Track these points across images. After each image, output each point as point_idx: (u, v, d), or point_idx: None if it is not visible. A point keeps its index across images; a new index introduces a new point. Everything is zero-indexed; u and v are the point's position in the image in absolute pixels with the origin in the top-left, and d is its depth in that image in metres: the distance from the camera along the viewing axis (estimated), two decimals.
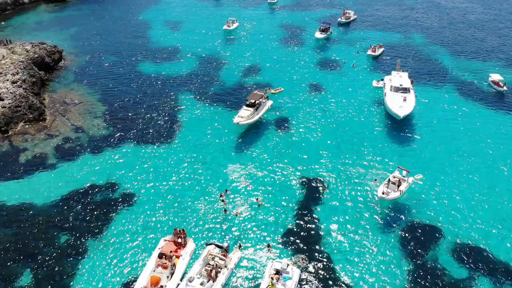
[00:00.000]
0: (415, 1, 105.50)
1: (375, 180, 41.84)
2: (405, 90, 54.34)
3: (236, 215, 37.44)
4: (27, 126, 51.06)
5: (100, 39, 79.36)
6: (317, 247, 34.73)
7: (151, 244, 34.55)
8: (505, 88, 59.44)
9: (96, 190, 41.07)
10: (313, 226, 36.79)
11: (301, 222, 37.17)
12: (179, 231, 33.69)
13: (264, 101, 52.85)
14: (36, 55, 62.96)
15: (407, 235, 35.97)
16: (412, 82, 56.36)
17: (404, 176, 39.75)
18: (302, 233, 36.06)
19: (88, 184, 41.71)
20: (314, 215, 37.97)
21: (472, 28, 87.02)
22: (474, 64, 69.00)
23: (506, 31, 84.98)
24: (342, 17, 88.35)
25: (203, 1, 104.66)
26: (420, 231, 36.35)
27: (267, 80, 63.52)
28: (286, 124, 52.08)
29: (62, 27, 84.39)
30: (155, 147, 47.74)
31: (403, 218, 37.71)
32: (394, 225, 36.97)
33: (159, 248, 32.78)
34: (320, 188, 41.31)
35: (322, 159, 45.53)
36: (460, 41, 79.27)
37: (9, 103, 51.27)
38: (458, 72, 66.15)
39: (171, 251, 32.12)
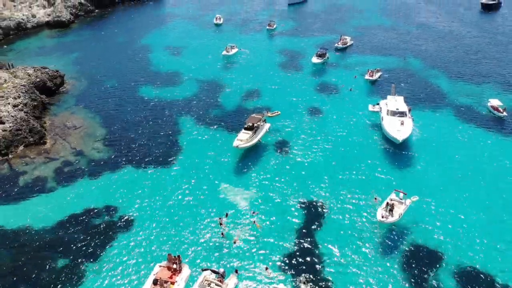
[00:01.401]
0: (411, 26, 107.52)
1: (375, 198, 42.00)
2: (402, 114, 54.92)
3: (235, 243, 37.17)
4: (27, 149, 51.36)
5: (101, 63, 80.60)
6: (316, 270, 34.47)
7: (146, 269, 34.28)
8: (505, 113, 59.40)
9: (94, 213, 41.05)
10: (312, 248, 36.63)
11: (300, 245, 37.02)
12: (174, 257, 33.32)
13: (262, 124, 53.43)
14: (38, 79, 63.84)
15: (408, 258, 35.81)
16: (409, 110, 56.67)
17: (401, 199, 39.88)
18: (301, 256, 35.85)
19: (86, 208, 41.70)
20: (313, 238, 37.86)
21: (468, 52, 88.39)
22: (471, 88, 69.72)
23: (502, 55, 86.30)
24: (339, 43, 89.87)
25: (203, 27, 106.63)
26: (421, 254, 36.20)
27: (266, 103, 64.25)
28: (285, 147, 52.42)
29: (65, 52, 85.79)
30: (154, 170, 47.91)
31: (404, 241, 37.59)
32: (395, 248, 36.83)
33: (154, 274, 32.46)
34: (320, 210, 41.30)
35: (321, 180, 45.68)
36: (457, 65, 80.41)
37: (10, 127, 51.72)
38: (456, 95, 66.82)
39: (166, 277, 31.85)
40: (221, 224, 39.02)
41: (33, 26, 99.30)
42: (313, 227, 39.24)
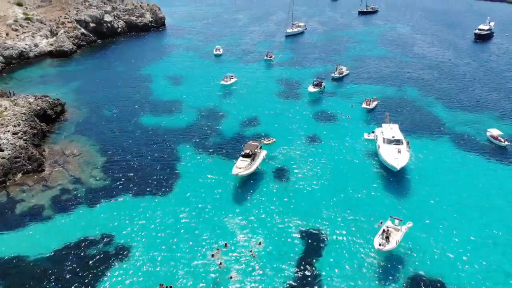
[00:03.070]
0: (407, 56, 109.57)
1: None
2: (398, 142, 55.37)
3: (231, 278, 36.54)
4: (25, 177, 51.43)
5: (102, 92, 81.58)
6: None
7: None
8: (507, 143, 59.25)
9: (91, 242, 40.80)
10: (312, 277, 36.31)
11: (299, 273, 36.73)
12: (166, 287, 32.95)
13: (259, 151, 53.87)
14: (38, 108, 64.54)
15: (408, 287, 35.46)
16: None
17: (397, 225, 39.90)
18: (299, 286, 35.44)
19: (83, 237, 41.50)
20: (313, 266, 37.60)
21: (463, 80, 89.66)
22: (467, 116, 70.42)
23: (497, 83, 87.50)
24: (335, 73, 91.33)
25: (203, 58, 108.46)
26: (420, 282, 35.95)
27: (263, 131, 64.84)
28: (283, 174, 52.60)
29: (66, 81, 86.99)
30: (153, 198, 47.88)
31: (402, 268, 37.40)
32: (394, 276, 36.58)
33: None
34: (319, 237, 41.17)
35: (320, 208, 45.72)
36: (453, 93, 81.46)
37: (9, 154, 51.98)
38: (453, 123, 67.40)
39: None
40: (213, 255, 38.55)
41: (36, 55, 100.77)
42: (312, 255, 39.01)
